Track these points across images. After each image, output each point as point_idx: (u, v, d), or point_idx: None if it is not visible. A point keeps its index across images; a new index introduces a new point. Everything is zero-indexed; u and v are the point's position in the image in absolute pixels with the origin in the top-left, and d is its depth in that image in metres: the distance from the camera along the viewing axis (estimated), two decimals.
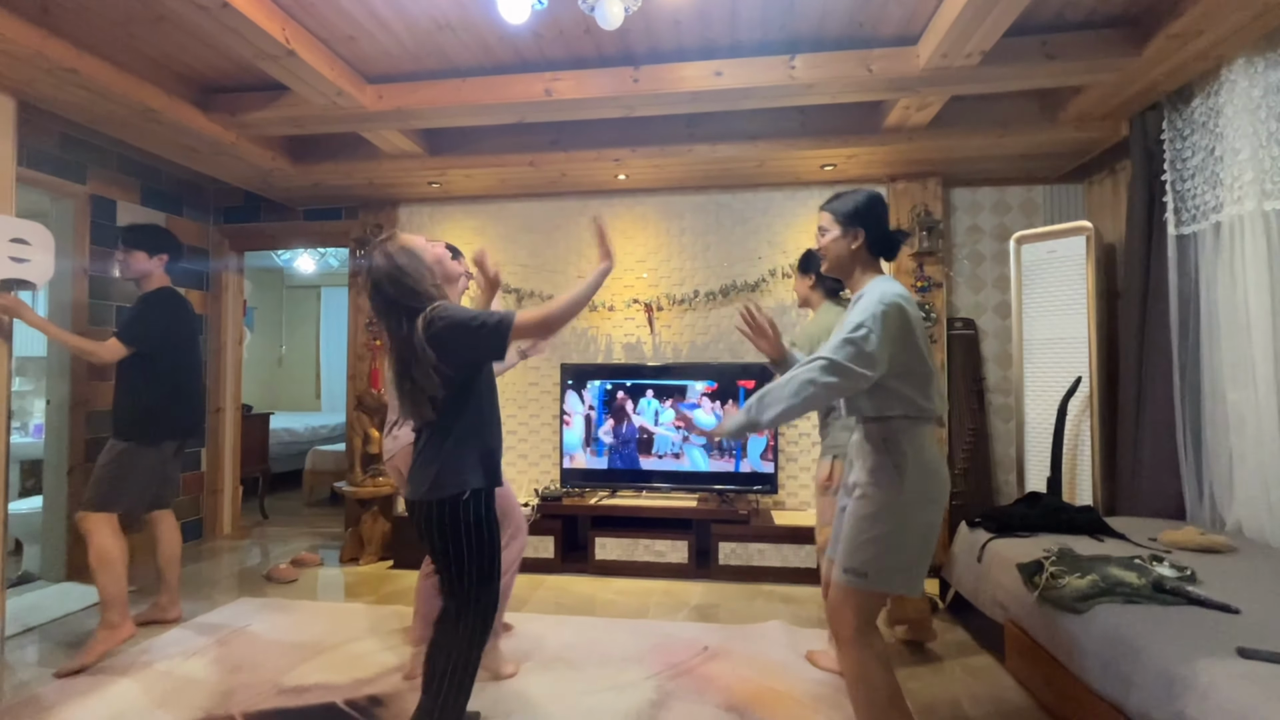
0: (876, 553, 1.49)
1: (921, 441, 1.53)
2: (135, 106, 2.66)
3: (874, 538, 1.49)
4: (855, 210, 1.60)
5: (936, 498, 1.52)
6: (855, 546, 1.52)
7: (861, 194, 1.62)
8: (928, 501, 1.51)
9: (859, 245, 1.60)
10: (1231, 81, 2.40)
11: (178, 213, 3.94)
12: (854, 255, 1.61)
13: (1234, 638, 1.51)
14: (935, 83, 2.57)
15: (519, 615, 2.77)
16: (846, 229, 1.60)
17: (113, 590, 2.40)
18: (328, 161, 3.51)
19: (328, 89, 2.63)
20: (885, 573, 1.49)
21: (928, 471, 1.51)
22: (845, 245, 1.61)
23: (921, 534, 1.51)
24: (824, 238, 1.64)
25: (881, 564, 1.48)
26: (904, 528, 1.49)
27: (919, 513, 1.50)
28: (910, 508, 1.49)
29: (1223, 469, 2.48)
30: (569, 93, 2.71)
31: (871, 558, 1.49)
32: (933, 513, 1.52)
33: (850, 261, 1.62)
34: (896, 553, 1.49)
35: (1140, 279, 2.84)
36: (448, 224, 4.05)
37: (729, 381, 3.47)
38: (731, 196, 3.81)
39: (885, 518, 1.49)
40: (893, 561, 1.49)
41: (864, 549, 1.50)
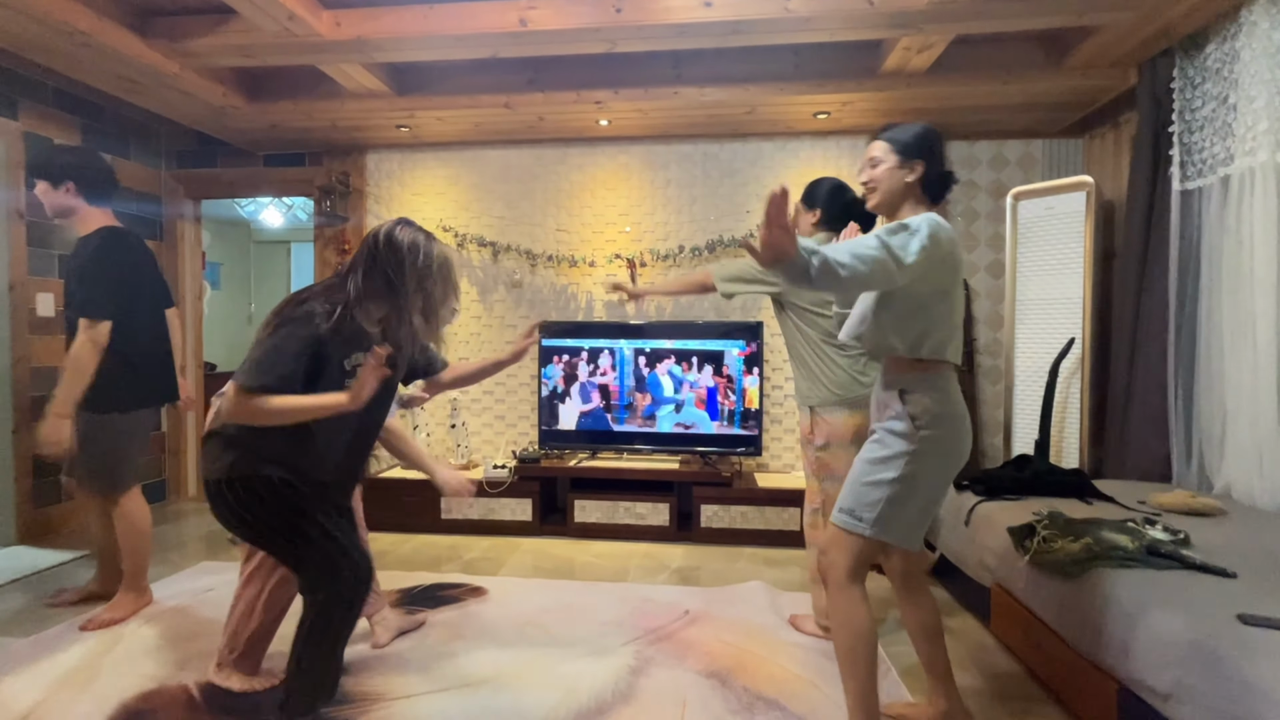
0: (876, 499, 1.43)
1: (942, 391, 1.45)
2: (59, 27, 2.39)
3: (877, 482, 1.43)
4: (917, 140, 1.46)
5: (951, 451, 1.45)
6: (857, 488, 1.46)
7: (921, 126, 1.50)
8: (942, 455, 1.44)
9: (915, 179, 1.46)
10: (1251, 23, 2.26)
11: (125, 155, 3.65)
12: (908, 189, 1.48)
13: (1233, 603, 1.45)
14: (940, 18, 2.39)
15: (494, 579, 2.69)
16: (905, 160, 1.46)
17: (142, 560, 2.30)
18: (286, 100, 3.25)
19: (278, 12, 2.38)
20: (883, 521, 1.43)
21: (946, 423, 1.43)
22: (900, 177, 1.47)
23: (929, 488, 1.45)
24: (876, 168, 1.49)
25: (881, 512, 1.42)
26: (911, 478, 1.42)
27: (930, 466, 1.43)
28: (922, 459, 1.42)
29: (1214, 431, 2.44)
30: (545, 23, 2.49)
31: (870, 503, 1.43)
32: (946, 467, 1.46)
33: (903, 196, 1.48)
34: (899, 503, 1.43)
35: (1140, 236, 2.74)
36: (419, 172, 3.82)
37: (714, 341, 3.35)
38: (719, 146, 3.62)
39: (894, 465, 1.42)
40: (893, 511, 1.43)
41: (865, 493, 1.45)
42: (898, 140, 1.48)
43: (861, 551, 1.47)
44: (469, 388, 3.80)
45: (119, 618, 2.24)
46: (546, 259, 3.69)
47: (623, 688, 1.85)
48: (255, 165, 3.97)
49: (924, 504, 1.46)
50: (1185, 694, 1.31)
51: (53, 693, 1.80)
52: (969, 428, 1.48)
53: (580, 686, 1.85)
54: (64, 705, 1.74)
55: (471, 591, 2.55)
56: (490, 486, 3.31)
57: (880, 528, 1.43)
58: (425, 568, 2.86)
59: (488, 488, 3.31)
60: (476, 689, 1.83)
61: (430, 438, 3.76)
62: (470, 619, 2.29)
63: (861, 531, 1.44)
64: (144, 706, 1.75)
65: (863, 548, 1.46)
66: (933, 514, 1.51)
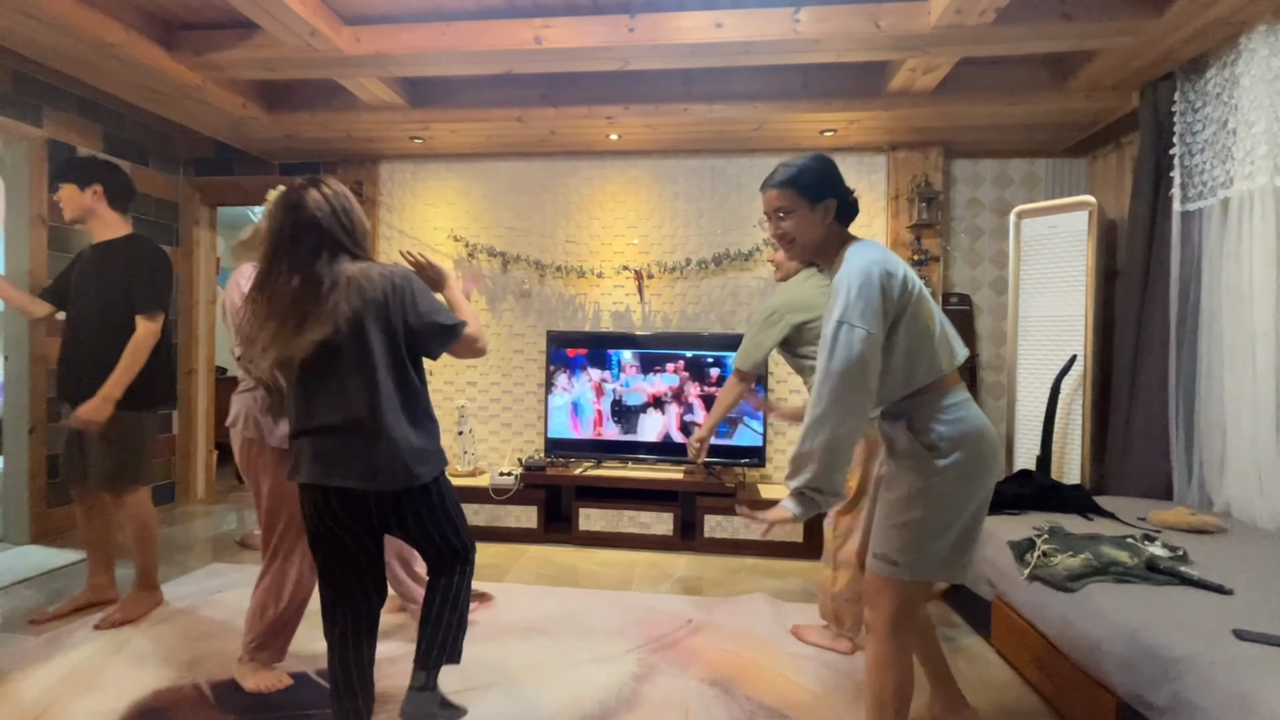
0: (908, 540, 1.33)
1: (949, 409, 1.34)
2: (90, 41, 2.47)
3: (905, 523, 1.34)
4: (819, 178, 1.36)
5: (977, 473, 1.33)
6: (885, 532, 1.37)
7: (813, 158, 1.38)
8: (968, 479, 1.32)
9: (831, 218, 1.38)
10: (1250, 50, 2.31)
11: (144, 163, 3.73)
12: (828, 231, 1.39)
13: (1228, 619, 1.48)
14: (946, 42, 2.45)
15: (499, 585, 2.72)
16: (816, 202, 1.36)
17: (153, 558, 2.34)
18: (303, 111, 3.32)
19: (301, 28, 2.45)
20: (919, 561, 1.33)
21: (966, 444, 1.32)
22: (817, 221, 1.37)
23: (963, 515, 1.33)
24: (786, 220, 1.38)
25: (914, 552, 1.33)
26: (941, 511, 1.32)
27: (958, 494, 1.32)
28: (947, 490, 1.32)
29: (1215, 450, 2.46)
30: (560, 41, 2.55)
31: (903, 545, 1.34)
32: (976, 489, 1.34)
33: (825, 239, 1.39)
34: (932, 539, 1.33)
35: (1142, 256, 2.78)
36: (431, 182, 3.88)
37: (718, 353, 3.39)
38: (727, 161, 3.68)
39: (919, 503, 1.33)
40: (929, 548, 1.33)
41: (895, 535, 1.35)
42: (800, 184, 1.36)
43: (903, 596, 1.36)
44: (478, 397, 3.84)
45: (133, 617, 2.27)
46: (555, 269, 3.75)
47: (626, 694, 1.87)
48: (271, 173, 4.04)
49: (961, 532, 1.34)
50: (1182, 708, 1.34)
51: (66, 691, 1.84)
52: (993, 438, 1.36)
53: (584, 693, 1.88)
54: (77, 703, 1.78)
55: (477, 597, 2.57)
56: (496, 493, 3.34)
57: (919, 569, 1.34)
58: None
59: (494, 494, 3.34)
60: (482, 693, 1.86)
61: None
62: (476, 625, 2.32)
63: (901, 576, 1.35)
64: (156, 705, 1.79)
65: (903, 591, 1.36)
66: (975, 538, 1.38)
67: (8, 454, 3.13)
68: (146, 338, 2.21)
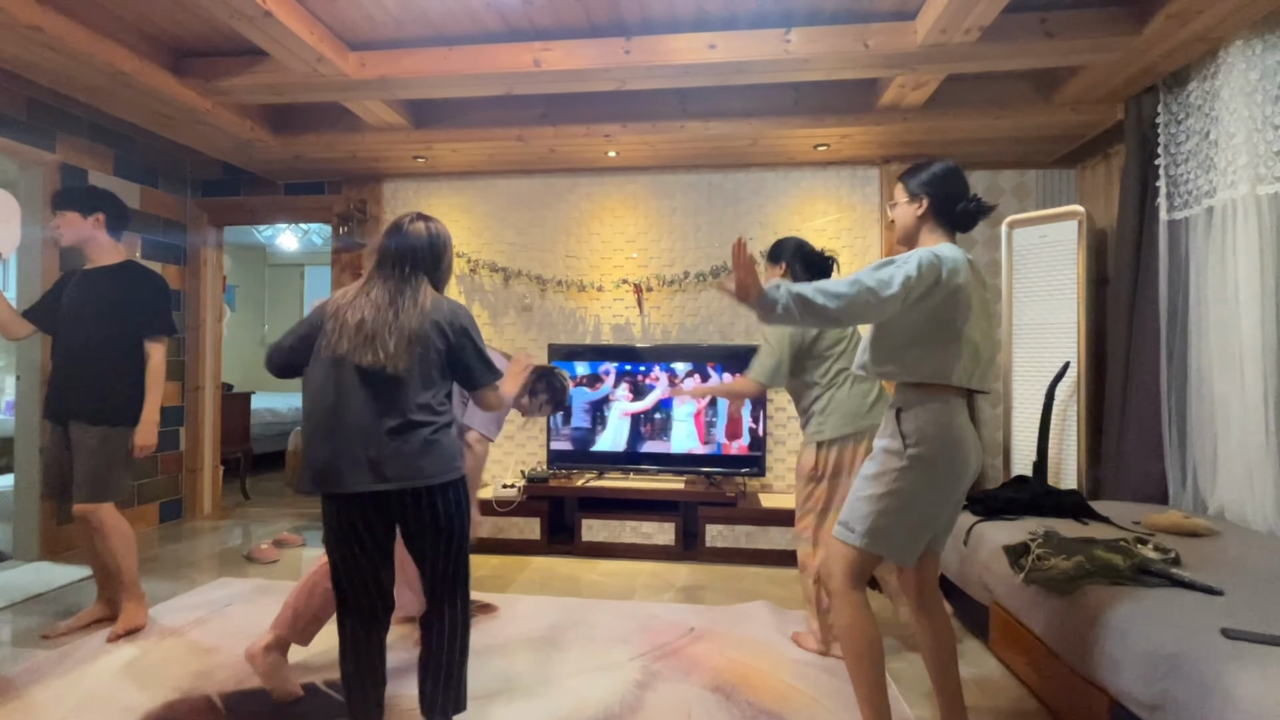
0: (868, 513, 1.52)
1: (937, 414, 1.50)
2: (104, 69, 2.55)
3: (869, 497, 1.52)
4: (923, 179, 1.61)
5: (942, 472, 1.49)
6: (852, 501, 1.56)
7: (935, 164, 1.62)
8: (930, 473, 1.49)
9: (923, 212, 1.60)
10: (1229, 64, 2.38)
11: (153, 184, 3.81)
12: (919, 223, 1.62)
13: (1218, 619, 1.51)
14: (932, 60, 2.52)
15: (503, 596, 2.75)
16: (912, 198, 1.62)
17: (134, 569, 2.37)
18: (309, 133, 3.40)
19: (308, 54, 2.54)
20: (873, 534, 1.51)
21: (936, 443, 1.48)
22: (911, 213, 1.62)
23: (920, 505, 1.50)
24: (894, 209, 1.67)
25: (871, 525, 1.51)
26: (899, 494, 1.49)
27: (919, 483, 1.49)
28: (909, 476, 1.49)
29: (1207, 454, 2.50)
30: (558, 63, 2.63)
31: (862, 517, 1.52)
32: (937, 485, 1.50)
33: (916, 229, 1.63)
34: (888, 517, 1.50)
35: (1131, 264, 2.84)
36: (433, 200, 3.96)
37: (718, 364, 3.44)
38: (723, 176, 3.75)
39: (883, 481, 1.51)
40: (884, 525, 1.51)
41: (858, 506, 1.54)
42: (906, 181, 1.64)
43: (855, 562, 1.54)
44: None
45: (141, 624, 2.33)
46: (556, 284, 3.81)
47: (629, 701, 1.90)
48: (276, 193, 4.13)
49: (916, 521, 1.51)
50: (1171, 705, 1.37)
51: (79, 704, 1.87)
52: (967, 450, 1.51)
53: (588, 699, 1.91)
54: (90, 716, 1.81)
55: (482, 608, 2.61)
56: (500, 505, 3.38)
57: (870, 540, 1.51)
58: None
59: (497, 507, 3.38)
60: (487, 702, 1.89)
61: None
62: (480, 635, 2.35)
63: (853, 543, 1.53)
64: (168, 716, 1.82)
65: (856, 558, 1.54)
66: (928, 532, 1.54)
67: (18, 471, 3.18)
68: (162, 361, 2.37)
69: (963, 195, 1.59)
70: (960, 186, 1.60)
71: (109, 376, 2.28)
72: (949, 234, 1.61)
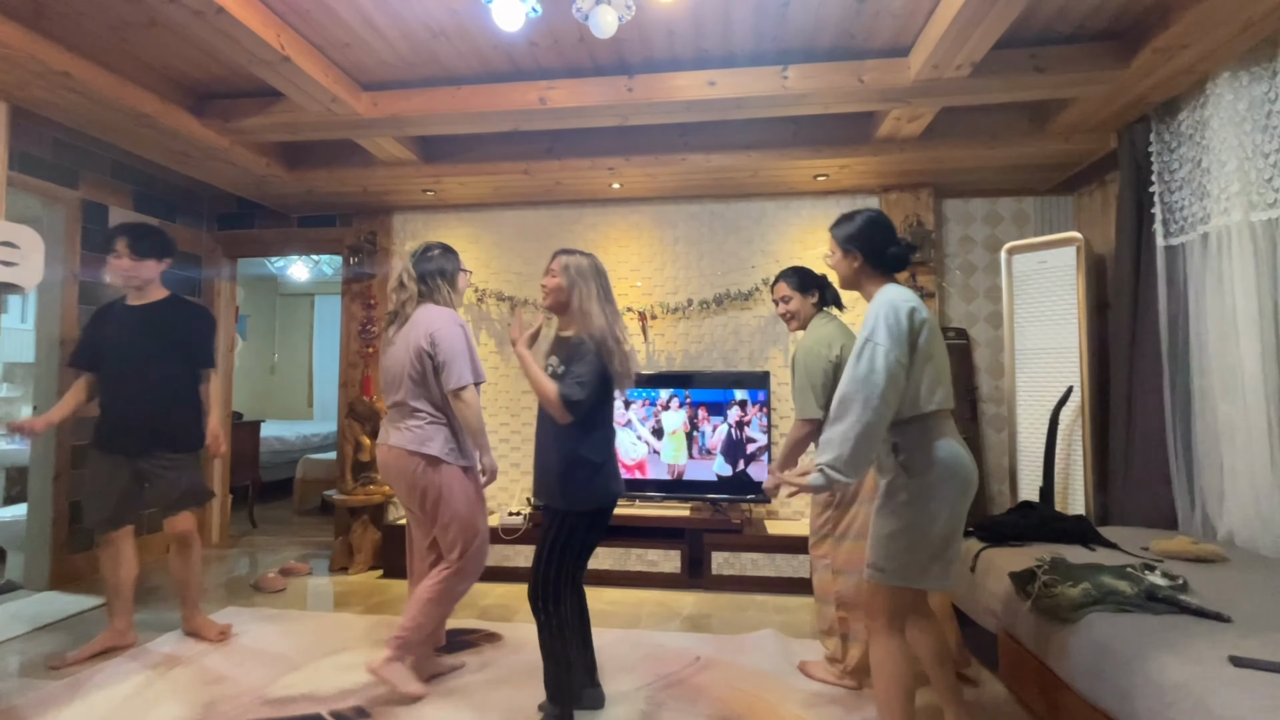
0: (891, 550, 1.59)
1: (929, 438, 1.59)
2: (128, 112, 2.66)
3: (888, 534, 1.60)
4: (849, 234, 1.72)
5: (947, 492, 1.58)
6: (873, 543, 1.64)
7: (859, 217, 1.72)
8: (938, 495, 1.57)
9: (859, 264, 1.71)
10: (1217, 95, 2.43)
11: (171, 219, 3.92)
12: (858, 273, 1.72)
13: (1226, 646, 1.50)
14: (926, 94, 2.59)
15: (508, 625, 2.74)
16: (846, 251, 1.72)
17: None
18: (322, 168, 3.51)
19: (322, 96, 2.64)
20: (902, 569, 1.58)
21: (939, 467, 1.57)
22: (848, 265, 1.73)
23: (936, 530, 1.57)
24: (830, 258, 1.78)
25: (897, 561, 1.58)
26: (915, 524, 1.57)
27: (930, 508, 1.56)
28: (919, 504, 1.57)
29: (1214, 479, 2.49)
30: (563, 101, 2.72)
31: (887, 555, 1.59)
32: (947, 504, 1.58)
33: (855, 278, 1.74)
34: (911, 549, 1.57)
35: (1130, 289, 2.86)
36: (441, 231, 4.05)
37: (721, 390, 3.47)
38: (725, 206, 3.82)
39: (897, 515, 1.58)
40: (909, 558, 1.58)
41: (879, 545, 1.61)
42: (837, 236, 1.75)
43: (894, 600, 1.61)
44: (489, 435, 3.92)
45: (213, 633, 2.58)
46: None
47: None
48: (289, 226, 4.24)
49: (938, 543, 1.58)
50: None
51: None
52: (963, 462, 1.60)
53: None
54: None
55: (487, 637, 2.61)
56: (505, 533, 3.39)
57: (902, 576, 1.58)
58: None
59: (503, 534, 3.39)
60: None
61: None
62: (486, 664, 2.35)
63: (888, 583, 1.59)
64: None
65: (893, 596, 1.60)
66: (952, 550, 1.62)
67: (31, 500, 3.22)
68: (217, 387, 2.60)
69: (890, 241, 1.69)
70: (887, 234, 1.70)
71: (176, 406, 2.46)
72: (885, 276, 1.71)
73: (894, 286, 1.65)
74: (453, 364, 2.04)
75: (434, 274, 2.16)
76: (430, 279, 2.16)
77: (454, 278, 2.22)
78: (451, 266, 2.21)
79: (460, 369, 2.05)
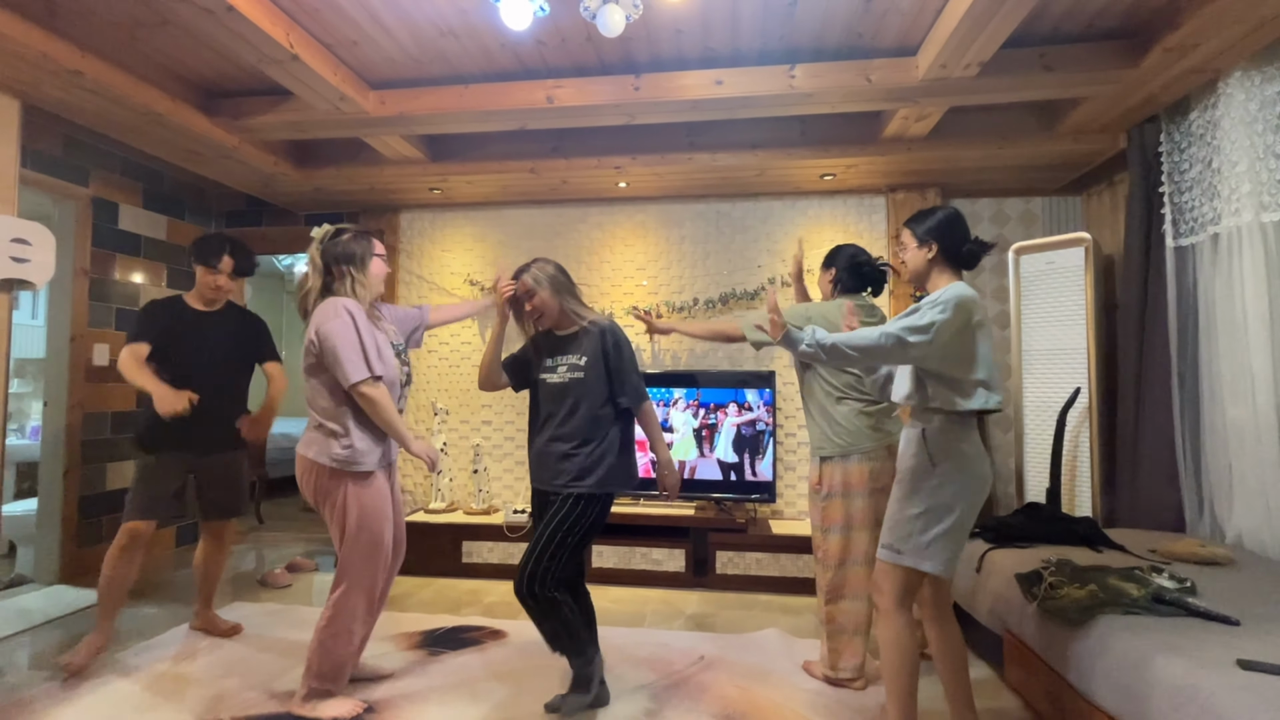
0: (909, 531, 1.66)
1: (957, 438, 1.65)
2: (139, 110, 2.68)
3: (910, 517, 1.66)
4: (929, 227, 1.76)
5: (969, 483, 1.64)
6: (892, 524, 1.70)
7: (939, 212, 1.78)
8: (959, 491, 1.63)
9: (933, 255, 1.75)
10: (1228, 95, 2.41)
11: (180, 216, 3.95)
12: (929, 265, 1.77)
13: (1234, 649, 1.50)
14: (934, 93, 2.58)
15: (513, 623, 2.75)
16: (921, 243, 1.77)
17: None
18: (330, 166, 3.52)
19: (331, 94, 2.65)
20: (918, 551, 1.64)
21: (962, 464, 1.64)
22: (922, 257, 1.77)
23: (956, 518, 1.63)
24: (904, 251, 1.82)
25: (914, 543, 1.65)
26: (939, 511, 1.63)
27: (954, 498, 1.63)
28: (945, 492, 1.63)
29: (1222, 481, 2.47)
30: (570, 100, 2.73)
31: (905, 536, 1.66)
32: (967, 499, 1.64)
33: (926, 270, 1.78)
34: (930, 535, 1.63)
35: (1139, 290, 2.85)
36: (449, 230, 4.06)
37: (727, 390, 3.47)
38: (731, 205, 3.82)
39: (921, 500, 1.65)
40: (924, 541, 1.64)
41: (899, 527, 1.68)
42: (915, 228, 1.79)
43: (903, 581, 1.68)
44: (492, 435, 3.93)
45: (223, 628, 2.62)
46: None
47: None
48: (297, 224, 4.25)
49: (953, 533, 1.64)
50: None
51: None
52: (986, 465, 1.68)
53: None
54: None
55: (491, 634, 2.62)
56: (510, 531, 3.40)
57: (917, 557, 1.65)
58: (446, 610, 2.93)
59: (508, 532, 3.40)
60: None
61: (453, 482, 3.87)
62: (490, 661, 2.36)
63: (901, 563, 1.67)
64: None
65: (904, 577, 1.68)
66: (963, 544, 1.68)
67: (42, 495, 3.25)
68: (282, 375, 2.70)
69: (966, 238, 1.74)
70: (963, 231, 1.75)
71: (238, 410, 2.58)
72: (956, 273, 1.75)
73: (963, 284, 1.69)
74: (338, 362, 1.85)
75: (341, 259, 1.96)
76: (335, 266, 1.96)
77: (364, 263, 1.99)
78: (361, 250, 1.99)
79: (348, 365, 1.85)
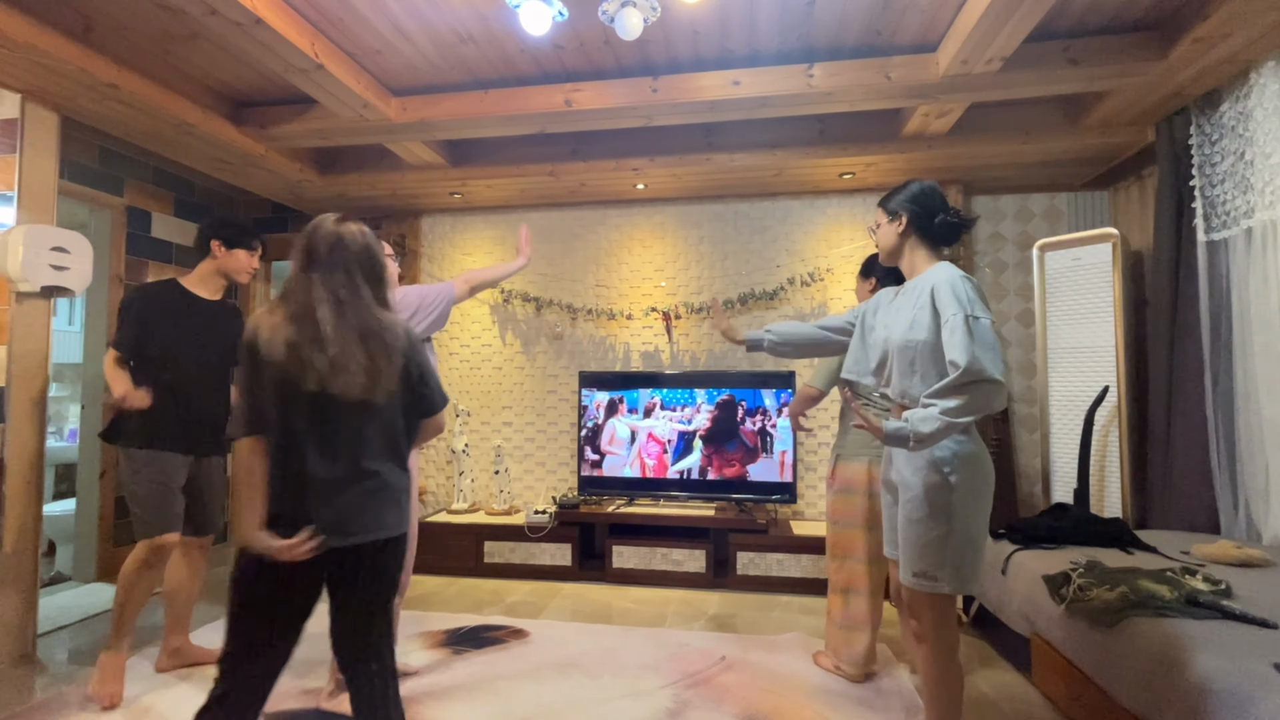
0: (942, 556, 1.48)
1: (965, 439, 1.51)
2: (172, 121, 2.76)
3: (935, 539, 1.48)
4: (898, 198, 1.64)
5: (983, 491, 1.51)
6: (919, 551, 1.50)
7: (910, 184, 1.64)
8: (976, 496, 1.50)
9: (904, 228, 1.61)
10: (1261, 85, 2.35)
11: None
12: (900, 239, 1.63)
13: (1271, 653, 1.46)
14: (955, 89, 2.56)
15: (535, 622, 2.77)
16: (892, 217, 1.64)
17: None
18: (353, 172, 3.59)
19: (354, 102, 2.70)
20: (956, 573, 1.48)
21: (972, 464, 1.49)
22: (892, 232, 1.64)
23: (976, 530, 1.50)
24: (876, 230, 1.69)
25: (950, 566, 1.48)
26: (964, 526, 1.48)
27: (971, 508, 1.49)
28: (961, 505, 1.48)
29: (1258, 481, 2.41)
30: (589, 103, 2.75)
31: (939, 561, 1.48)
32: (983, 506, 1.52)
33: (898, 245, 1.64)
34: (958, 551, 1.48)
35: (1169, 286, 2.78)
36: (469, 233, 4.11)
37: (746, 390, 3.46)
38: (750, 205, 3.81)
39: (942, 519, 1.48)
40: (959, 561, 1.48)
41: (930, 551, 1.49)
42: (885, 203, 1.67)
43: (942, 606, 1.52)
44: (513, 436, 3.97)
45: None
46: (586, 313, 3.90)
47: None
48: None
49: (979, 541, 1.51)
50: None
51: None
52: (987, 452, 1.56)
53: None
54: None
55: (514, 634, 2.64)
56: (531, 531, 3.42)
57: (958, 581, 1.48)
58: (469, 610, 2.96)
59: (529, 532, 3.43)
60: None
61: (475, 483, 3.91)
62: (513, 660, 2.38)
63: (940, 590, 1.49)
64: None
65: (944, 603, 1.52)
66: (983, 552, 1.56)
67: (80, 496, 3.35)
68: None
69: (940, 209, 1.59)
70: (937, 201, 1.60)
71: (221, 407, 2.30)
72: (934, 250, 1.60)
73: (947, 264, 1.54)
74: None
75: None
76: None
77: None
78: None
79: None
